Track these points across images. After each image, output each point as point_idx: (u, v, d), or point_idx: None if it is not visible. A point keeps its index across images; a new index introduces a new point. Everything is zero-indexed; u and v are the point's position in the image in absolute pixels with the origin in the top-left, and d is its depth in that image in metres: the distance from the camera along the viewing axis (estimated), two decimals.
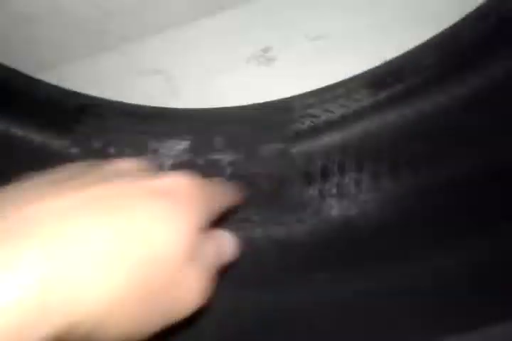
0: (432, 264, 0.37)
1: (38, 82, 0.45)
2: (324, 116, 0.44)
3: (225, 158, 0.48)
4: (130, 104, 0.47)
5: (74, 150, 0.47)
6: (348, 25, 0.53)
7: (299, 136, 0.46)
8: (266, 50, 0.58)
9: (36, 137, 0.45)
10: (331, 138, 0.45)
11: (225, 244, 0.28)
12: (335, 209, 0.42)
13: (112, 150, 0.48)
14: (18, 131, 0.44)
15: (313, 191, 0.44)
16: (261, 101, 0.54)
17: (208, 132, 0.47)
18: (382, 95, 0.41)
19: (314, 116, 0.44)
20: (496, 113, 0.39)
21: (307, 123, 0.45)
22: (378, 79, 0.41)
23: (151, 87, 0.61)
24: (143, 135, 0.47)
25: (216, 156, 0.48)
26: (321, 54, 0.55)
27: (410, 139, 0.42)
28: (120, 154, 0.48)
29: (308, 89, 0.54)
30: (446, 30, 0.40)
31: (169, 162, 0.48)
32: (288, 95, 0.54)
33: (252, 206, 0.45)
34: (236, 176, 0.47)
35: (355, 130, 0.44)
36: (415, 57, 0.41)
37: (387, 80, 0.41)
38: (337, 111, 0.44)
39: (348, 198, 0.42)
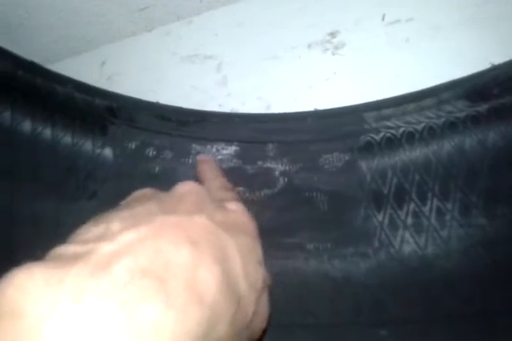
0: None
1: (67, 79, 0.39)
2: (404, 128, 0.36)
3: (279, 167, 0.41)
4: (167, 106, 0.41)
5: (107, 150, 0.42)
6: (437, 11, 0.43)
7: (371, 147, 0.38)
8: (333, 34, 0.49)
9: (66, 136, 0.41)
10: (411, 153, 0.37)
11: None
12: (409, 244, 0.34)
13: (150, 151, 0.42)
14: (47, 130, 0.40)
15: (383, 218, 0.36)
16: (320, 96, 0.47)
17: (260, 137, 0.40)
18: (483, 108, 0.32)
19: (391, 128, 0.36)
20: None
21: (382, 133, 0.37)
22: (482, 88, 0.32)
23: (200, 72, 0.54)
24: (185, 138, 0.41)
25: (268, 165, 0.41)
26: (399, 42, 0.46)
27: None
28: (159, 156, 0.42)
29: (384, 84, 0.45)
30: None
31: None
32: (358, 91, 0.46)
33: (307, 229, 0.38)
34: (290, 189, 0.40)
35: (445, 146, 0.35)
36: None
37: (494, 91, 0.31)
38: (421, 122, 0.35)
39: (426, 232, 0.34)
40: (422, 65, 0.44)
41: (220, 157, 0.42)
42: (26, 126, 0.39)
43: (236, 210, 0.25)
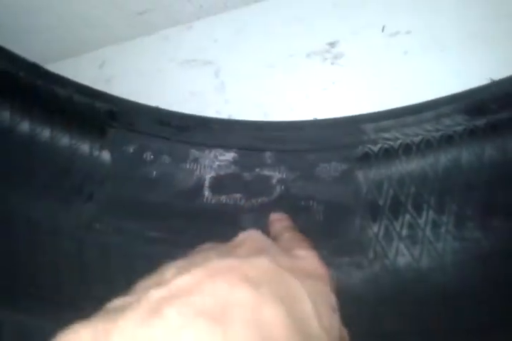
0: None
1: (68, 81, 0.39)
2: (402, 140, 0.36)
3: (275, 175, 0.41)
4: (166, 111, 0.41)
5: (104, 153, 0.42)
6: (437, 24, 0.44)
7: (369, 157, 0.38)
8: (333, 44, 0.49)
9: (64, 138, 0.40)
10: (408, 165, 0.37)
11: None
12: (403, 256, 0.35)
13: (148, 156, 0.42)
14: (45, 131, 0.39)
15: (378, 229, 0.36)
16: (318, 104, 0.47)
17: (258, 145, 0.40)
18: (481, 122, 0.33)
19: (389, 139, 0.36)
20: None
21: (380, 144, 0.38)
22: (481, 104, 0.32)
23: (198, 77, 0.54)
24: (183, 143, 0.41)
25: (265, 172, 0.41)
26: (398, 54, 0.46)
27: (511, 179, 0.33)
28: (157, 161, 0.42)
29: (382, 95, 0.45)
30: None
31: (212, 174, 0.42)
32: (356, 102, 0.46)
33: None
34: (286, 197, 0.41)
35: (441, 159, 0.36)
36: None
37: (492, 106, 0.32)
38: (419, 135, 0.35)
39: (421, 244, 0.35)
40: (420, 77, 0.44)
41: (217, 163, 0.42)
42: (24, 126, 0.38)
43: (306, 256, 0.24)
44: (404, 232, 0.35)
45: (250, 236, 0.25)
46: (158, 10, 0.56)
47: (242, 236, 0.25)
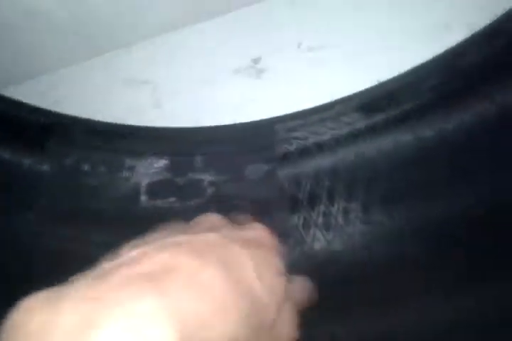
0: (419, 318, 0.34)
1: (1, 97, 0.42)
2: (313, 139, 0.41)
3: (206, 178, 0.45)
4: (101, 122, 0.44)
5: (45, 166, 0.44)
6: (346, 39, 0.49)
7: (287, 157, 0.43)
8: (256, 60, 0.54)
9: (4, 153, 0.43)
10: (321, 161, 0.42)
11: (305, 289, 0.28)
12: (319, 241, 0.39)
13: (85, 167, 0.45)
14: None
15: (298, 219, 0.40)
16: (247, 115, 0.51)
17: (188, 151, 0.44)
18: (377, 119, 0.38)
19: (301, 139, 0.41)
20: (500, 145, 0.35)
21: (295, 144, 0.42)
22: (371, 102, 0.38)
23: (137, 96, 0.57)
24: (118, 153, 0.44)
25: (196, 176, 0.45)
26: (314, 67, 0.51)
27: (406, 168, 0.38)
28: (94, 171, 0.45)
29: (301, 104, 0.50)
30: (448, 50, 0.36)
31: (147, 181, 0.45)
32: (278, 111, 0.51)
33: None
34: (217, 198, 0.44)
35: (348, 154, 0.40)
36: (413, 80, 0.37)
37: (381, 103, 0.37)
38: (326, 133, 0.40)
39: (334, 230, 0.39)
40: (333, 85, 0.49)
41: (152, 170, 0.45)
42: None
43: (255, 228, 0.26)
44: (320, 220, 0.39)
45: (207, 217, 0.27)
46: (97, 35, 0.60)
47: (200, 217, 0.27)
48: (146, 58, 0.59)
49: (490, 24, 0.36)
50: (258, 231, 0.26)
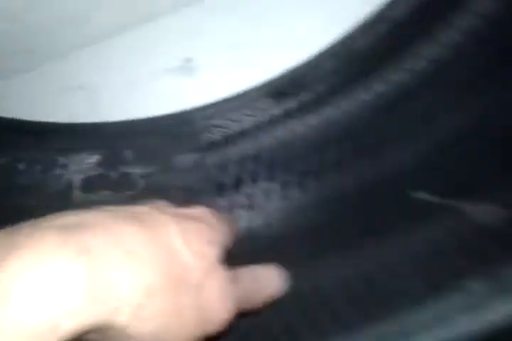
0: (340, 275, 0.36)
1: None
2: (234, 126, 0.43)
3: (137, 171, 0.46)
4: (32, 122, 0.46)
5: None
6: (263, 35, 0.52)
7: (213, 146, 0.45)
8: (188, 60, 0.57)
9: None
10: (244, 148, 0.44)
11: (270, 279, 0.30)
12: (242, 220, 0.41)
13: (20, 166, 0.46)
14: None
15: (223, 202, 0.43)
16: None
17: (117, 145, 0.46)
18: (289, 104, 0.41)
19: (222, 127, 0.43)
20: (400, 122, 0.38)
21: (219, 133, 0.44)
22: (279, 88, 0.40)
23: (75, 102, 0.59)
24: (51, 151, 0.45)
25: (128, 170, 0.46)
26: (240, 63, 0.54)
27: (320, 147, 0.41)
28: (29, 170, 0.46)
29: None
30: (343, 37, 0.39)
31: (80, 177, 0.46)
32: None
33: None
34: (149, 189, 0.46)
35: (267, 139, 0.43)
36: (316, 65, 0.40)
37: (289, 89, 0.40)
38: (246, 121, 0.43)
39: (256, 209, 0.41)
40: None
41: (85, 166, 0.46)
42: None
43: (194, 207, 0.28)
44: (244, 201, 0.42)
45: (152, 202, 0.27)
46: (33, 50, 0.62)
47: (144, 201, 0.27)
48: (81, 66, 0.61)
49: (373, 13, 0.40)
50: (196, 209, 0.27)
